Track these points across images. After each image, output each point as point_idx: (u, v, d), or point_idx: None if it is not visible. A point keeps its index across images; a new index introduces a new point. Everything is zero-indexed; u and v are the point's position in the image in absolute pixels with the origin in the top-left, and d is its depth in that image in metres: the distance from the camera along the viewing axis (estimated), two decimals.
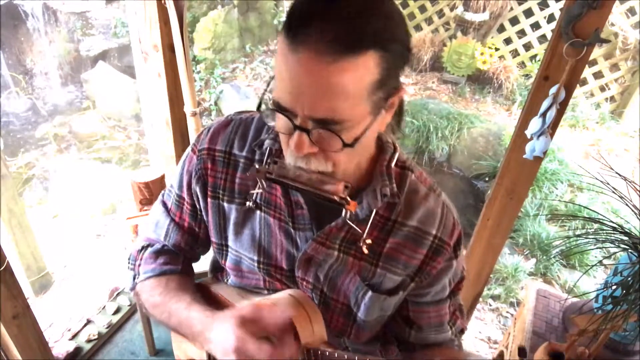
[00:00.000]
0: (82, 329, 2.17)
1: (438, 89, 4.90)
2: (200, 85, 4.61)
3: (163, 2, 1.67)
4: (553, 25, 4.49)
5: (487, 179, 3.75)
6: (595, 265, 2.37)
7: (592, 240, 1.21)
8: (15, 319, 1.54)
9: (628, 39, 4.33)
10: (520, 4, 4.72)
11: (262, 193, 0.83)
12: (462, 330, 0.97)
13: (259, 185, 0.82)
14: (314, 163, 0.68)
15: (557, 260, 2.88)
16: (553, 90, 1.28)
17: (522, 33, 4.83)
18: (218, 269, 1.04)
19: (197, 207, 0.91)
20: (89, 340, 2.13)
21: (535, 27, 4.74)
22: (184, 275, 0.95)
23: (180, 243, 0.94)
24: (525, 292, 1.77)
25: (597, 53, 4.45)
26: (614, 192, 1.17)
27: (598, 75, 4.59)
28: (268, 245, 0.86)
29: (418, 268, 0.83)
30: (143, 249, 0.96)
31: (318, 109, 0.62)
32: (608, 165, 1.26)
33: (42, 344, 1.70)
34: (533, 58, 4.87)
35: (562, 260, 2.90)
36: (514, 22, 4.83)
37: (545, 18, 4.65)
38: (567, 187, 3.53)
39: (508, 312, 2.69)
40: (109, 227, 3.11)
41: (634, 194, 1.16)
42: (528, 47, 4.86)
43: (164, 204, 0.96)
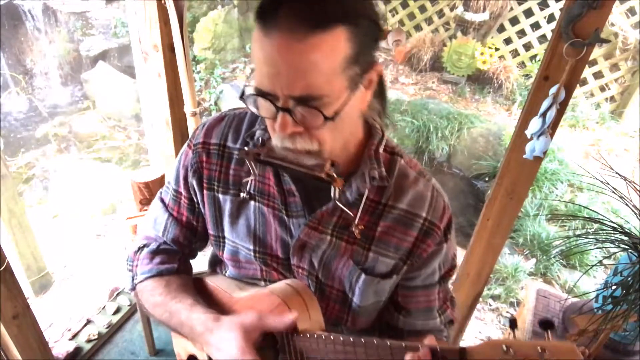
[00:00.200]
0: (82, 329, 2.17)
1: (438, 89, 4.90)
2: (200, 85, 4.61)
3: (163, 2, 1.67)
4: (553, 25, 4.49)
5: (487, 179, 3.75)
6: (595, 265, 2.37)
7: (592, 240, 1.21)
8: (15, 319, 1.54)
9: (628, 39, 4.33)
10: (520, 4, 4.72)
11: (255, 183, 0.86)
12: (451, 321, 0.97)
13: (252, 172, 0.84)
14: (300, 142, 0.70)
15: (557, 260, 2.88)
16: (553, 90, 1.28)
17: (522, 33, 4.83)
18: (216, 263, 1.06)
19: (194, 200, 0.93)
20: (89, 340, 2.13)
21: (535, 27, 4.74)
22: (184, 276, 0.96)
23: (179, 237, 0.96)
24: (525, 292, 1.77)
25: (597, 53, 4.45)
26: (614, 192, 1.17)
27: (598, 75, 4.59)
28: (263, 235, 0.88)
29: (409, 251, 0.84)
30: (139, 250, 0.98)
31: (295, 87, 0.64)
32: (608, 165, 1.26)
33: (42, 344, 1.70)
34: (533, 58, 4.87)
35: (562, 260, 2.90)
36: (514, 22, 4.83)
37: (545, 18, 4.65)
38: (567, 187, 3.53)
39: (508, 312, 2.69)
40: (109, 227, 3.11)
41: (634, 194, 1.16)
42: (528, 47, 4.86)
43: (162, 201, 0.98)
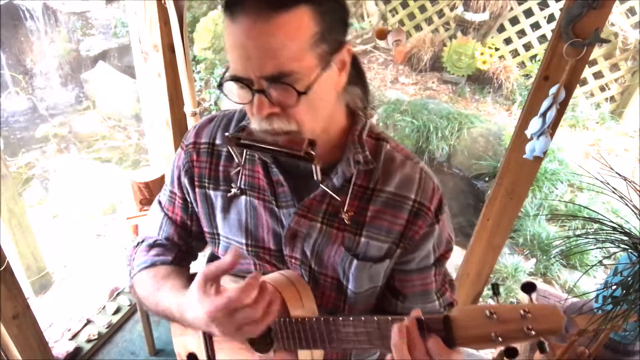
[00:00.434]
0: (82, 329, 2.17)
1: (438, 89, 4.90)
2: (200, 85, 4.61)
3: (163, 2, 1.67)
4: (553, 25, 4.50)
5: (487, 179, 3.75)
6: (595, 265, 2.37)
7: (592, 240, 1.21)
8: (15, 319, 1.54)
9: (628, 39, 4.33)
10: (520, 4, 4.72)
11: (245, 177, 0.87)
12: (451, 304, 0.97)
13: (236, 158, 0.86)
14: (277, 122, 0.71)
15: (557, 260, 2.88)
16: (553, 90, 1.29)
17: (522, 33, 4.83)
18: (213, 260, 1.05)
19: (187, 200, 0.95)
20: (89, 340, 2.13)
21: (535, 27, 4.74)
22: (173, 266, 0.96)
23: (174, 237, 0.98)
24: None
25: (597, 53, 4.45)
26: (614, 192, 1.17)
27: (598, 75, 4.59)
28: (255, 228, 0.89)
29: (401, 234, 0.84)
30: (138, 245, 1.01)
31: (266, 67, 0.66)
32: (608, 165, 1.26)
33: (42, 344, 1.70)
34: (533, 58, 4.87)
35: (562, 260, 2.90)
36: (514, 22, 4.83)
37: (545, 18, 4.66)
38: (567, 187, 3.53)
39: None
40: (109, 227, 3.11)
41: (634, 194, 1.16)
42: (528, 47, 4.86)
43: (159, 202, 1.01)
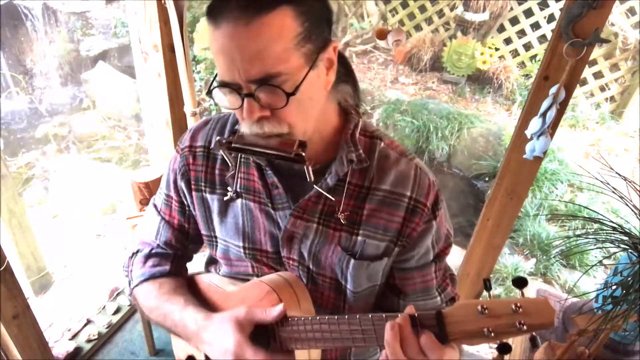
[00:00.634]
0: (82, 329, 2.17)
1: (438, 89, 4.90)
2: (200, 85, 4.60)
3: (163, 2, 1.67)
4: (553, 25, 4.49)
5: (487, 179, 3.75)
6: (595, 265, 2.37)
7: (592, 240, 1.21)
8: (15, 319, 1.54)
9: (628, 39, 4.33)
10: (520, 4, 4.72)
11: (241, 181, 0.87)
12: (452, 299, 0.97)
13: (229, 163, 0.86)
14: (267, 126, 0.71)
15: (557, 260, 2.88)
16: (553, 90, 1.29)
17: (522, 33, 4.83)
18: (211, 263, 1.07)
19: (184, 203, 0.95)
20: (89, 340, 2.13)
21: (535, 27, 4.74)
22: (177, 277, 0.98)
23: (171, 240, 0.98)
24: (525, 292, 1.77)
25: (597, 53, 4.45)
26: (614, 192, 1.17)
27: (598, 75, 4.59)
28: (252, 231, 0.89)
29: (398, 231, 0.84)
30: (133, 255, 1.01)
31: (252, 71, 0.66)
32: (608, 165, 1.26)
33: (42, 344, 1.70)
34: (533, 58, 4.87)
35: (562, 260, 2.90)
36: (514, 22, 4.83)
37: (545, 18, 4.65)
38: (567, 187, 3.53)
39: None
40: (109, 227, 3.11)
41: (634, 194, 1.16)
42: (528, 47, 4.86)
43: (155, 206, 1.01)
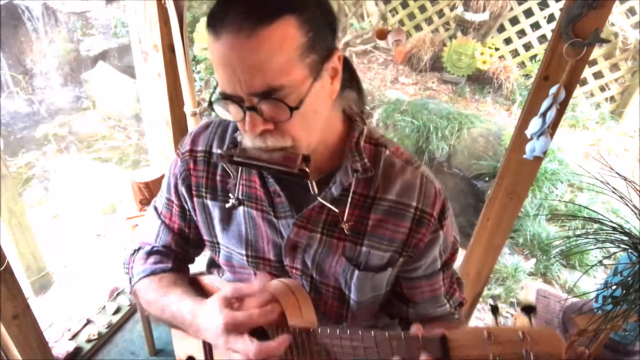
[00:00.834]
0: (82, 329, 2.17)
1: (438, 89, 4.90)
2: (200, 85, 4.61)
3: (163, 2, 1.67)
4: (553, 25, 4.49)
5: (487, 179, 3.75)
6: (595, 265, 2.37)
7: (592, 240, 1.21)
8: (15, 319, 1.54)
9: (628, 39, 4.32)
10: (520, 4, 4.72)
11: (243, 188, 0.86)
12: (460, 303, 0.97)
13: (231, 175, 0.85)
14: (271, 140, 0.70)
15: (557, 260, 2.88)
16: (553, 90, 1.28)
17: (522, 33, 4.83)
18: (213, 266, 1.07)
19: (185, 208, 0.94)
20: (89, 340, 2.13)
21: (535, 27, 4.74)
22: (177, 272, 0.97)
23: (171, 244, 0.97)
24: (525, 292, 1.77)
25: (597, 53, 4.45)
26: (614, 192, 1.17)
27: (598, 75, 4.59)
28: (255, 239, 0.88)
29: (404, 242, 0.83)
30: (134, 252, 1.00)
31: (254, 84, 0.64)
32: (608, 165, 1.26)
33: (42, 344, 1.70)
34: (533, 58, 4.87)
35: (562, 260, 2.89)
36: (514, 22, 4.83)
37: (545, 18, 4.65)
38: (567, 187, 3.52)
39: (508, 312, 2.68)
40: (109, 227, 3.11)
41: (634, 194, 1.16)
42: (528, 47, 4.86)
43: (155, 208, 1.00)
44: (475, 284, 1.76)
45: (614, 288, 1.18)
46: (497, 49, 4.80)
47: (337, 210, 0.80)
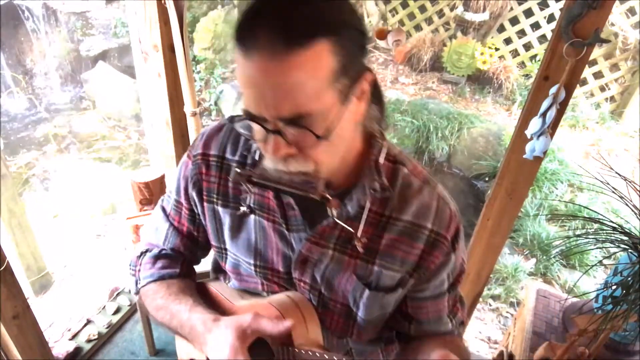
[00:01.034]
0: (82, 329, 2.17)
1: (438, 89, 4.90)
2: (200, 85, 4.61)
3: (163, 2, 1.67)
4: (553, 25, 4.49)
5: (487, 179, 3.75)
6: (595, 265, 2.37)
7: (592, 240, 1.21)
8: (15, 319, 1.54)
9: (628, 39, 4.33)
10: (520, 4, 4.72)
11: (255, 196, 0.84)
12: (462, 323, 0.96)
13: (248, 190, 0.83)
14: (293, 164, 0.67)
15: (557, 260, 2.88)
16: (553, 90, 1.28)
17: (522, 33, 4.83)
18: (220, 270, 1.05)
19: (195, 211, 0.92)
20: (89, 340, 2.13)
21: (535, 27, 4.74)
22: (185, 279, 0.96)
23: (180, 247, 0.96)
24: (525, 292, 1.77)
25: (597, 53, 4.45)
26: (614, 192, 1.17)
27: (598, 75, 4.59)
28: (264, 249, 0.87)
29: (416, 264, 0.82)
30: (142, 255, 0.98)
31: (282, 109, 0.61)
32: (608, 165, 1.26)
33: (42, 344, 1.70)
34: (533, 58, 4.87)
35: (562, 260, 2.90)
36: (514, 22, 4.83)
37: (545, 18, 4.65)
38: (567, 187, 3.53)
39: (508, 312, 2.69)
40: (109, 227, 3.11)
41: (634, 194, 1.16)
42: (528, 47, 4.86)
43: (163, 209, 0.98)
44: (475, 284, 1.76)
45: (614, 288, 1.18)
46: (497, 49, 4.80)
47: (352, 230, 0.78)
